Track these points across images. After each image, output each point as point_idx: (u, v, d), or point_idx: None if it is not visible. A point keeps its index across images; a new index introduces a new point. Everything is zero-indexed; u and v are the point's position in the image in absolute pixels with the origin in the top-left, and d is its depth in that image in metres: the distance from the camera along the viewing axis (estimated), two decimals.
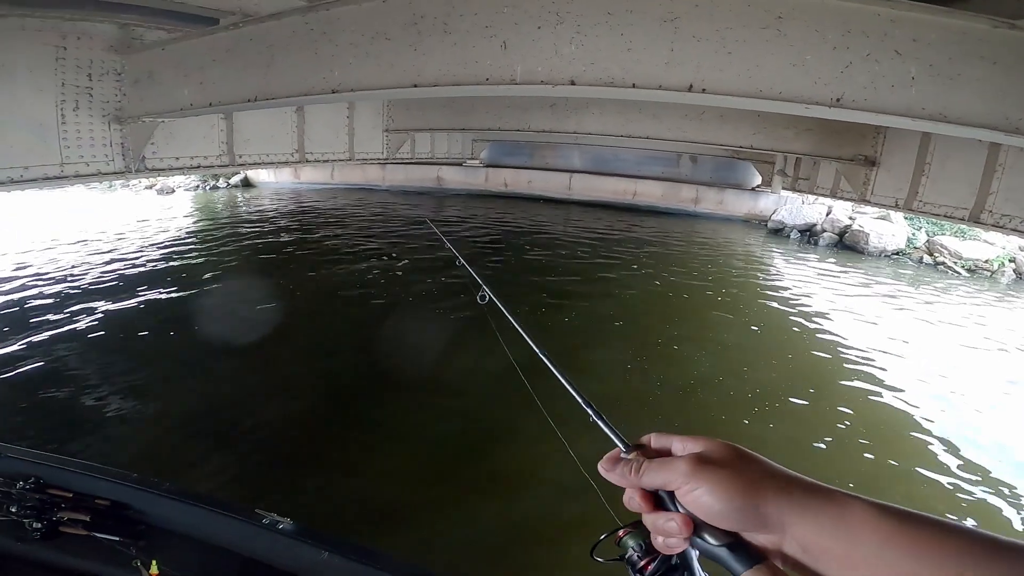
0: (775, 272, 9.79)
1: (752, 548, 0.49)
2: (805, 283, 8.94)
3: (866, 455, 3.94)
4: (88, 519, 1.18)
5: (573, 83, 2.96)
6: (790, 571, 0.48)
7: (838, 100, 2.62)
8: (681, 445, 0.56)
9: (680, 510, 0.52)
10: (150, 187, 15.45)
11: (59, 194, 13.35)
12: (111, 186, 15.12)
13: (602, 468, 0.57)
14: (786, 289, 8.54)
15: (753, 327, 6.70)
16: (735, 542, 0.49)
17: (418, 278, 7.48)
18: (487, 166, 14.84)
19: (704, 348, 5.75)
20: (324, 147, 7.20)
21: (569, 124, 7.64)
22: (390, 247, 9.37)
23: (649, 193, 14.27)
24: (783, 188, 11.04)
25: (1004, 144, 4.44)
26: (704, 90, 2.79)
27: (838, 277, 9.53)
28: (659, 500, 0.54)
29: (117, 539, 1.17)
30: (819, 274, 9.65)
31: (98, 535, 1.17)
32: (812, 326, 6.77)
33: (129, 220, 10.97)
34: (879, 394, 4.99)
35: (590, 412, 0.66)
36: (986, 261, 10.45)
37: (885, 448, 4.07)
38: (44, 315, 5.73)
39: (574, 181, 14.70)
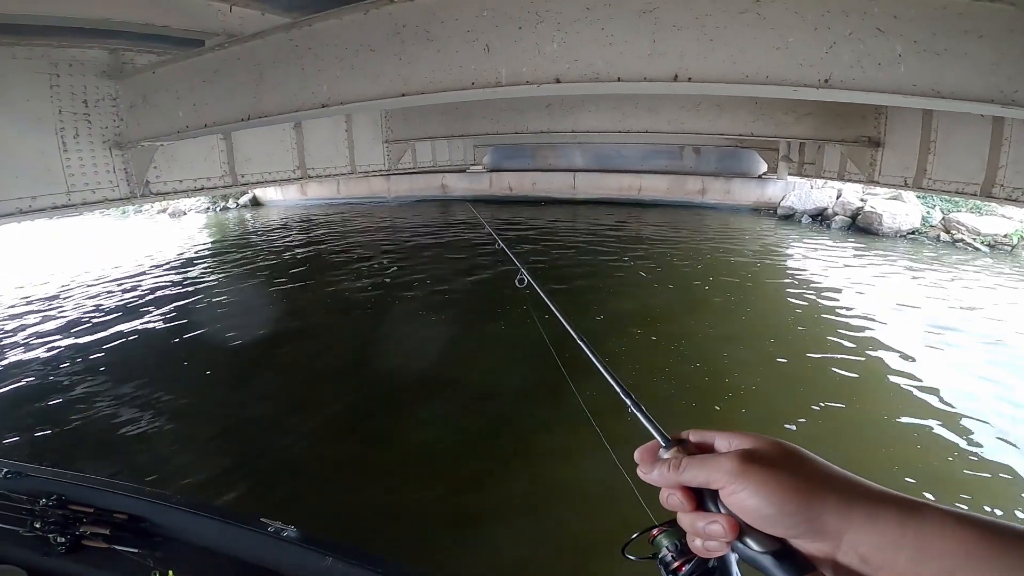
0: (796, 258, 9.56)
1: (799, 557, 0.44)
2: (828, 268, 8.71)
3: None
4: (108, 532, 1.24)
5: (558, 81, 2.96)
6: None
7: (826, 81, 2.58)
8: (725, 442, 0.51)
9: (723, 511, 0.47)
10: (163, 211, 15.79)
11: (75, 222, 13.72)
12: (124, 212, 15.49)
13: (641, 471, 0.53)
14: (809, 273, 8.33)
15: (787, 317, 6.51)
16: (781, 549, 0.45)
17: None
18: (490, 171, 14.85)
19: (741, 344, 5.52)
20: (325, 162, 7.30)
21: (566, 123, 7.64)
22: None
23: (654, 187, 14.15)
24: (789, 174, 10.90)
25: (1006, 117, 4.33)
26: (690, 79, 2.77)
27: (860, 259, 9.31)
28: (700, 499, 0.49)
29: (135, 551, 1.22)
30: (838, 257, 9.43)
31: (118, 547, 1.23)
32: (842, 312, 6.55)
33: (145, 246, 11.17)
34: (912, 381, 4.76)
35: (628, 402, 0.63)
36: (1005, 235, 10.14)
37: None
38: (71, 338, 5.88)
39: (578, 180, 14.66)
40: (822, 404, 4.20)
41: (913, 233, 11.05)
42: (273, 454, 3.74)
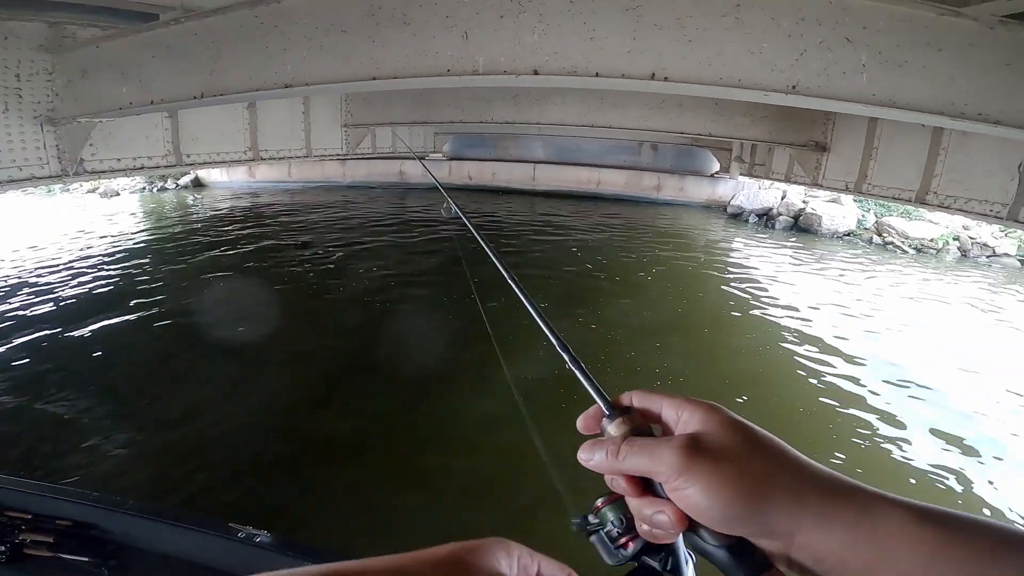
0: (736, 254, 10.09)
1: (756, 553, 0.41)
2: (764, 264, 9.25)
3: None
4: (52, 540, 1.14)
5: (536, 72, 2.93)
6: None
7: (794, 87, 2.68)
8: (674, 412, 0.46)
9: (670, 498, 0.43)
10: (93, 190, 14.58)
11: None
12: (50, 191, 14.18)
13: (581, 454, 0.47)
14: (746, 269, 8.80)
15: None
16: (737, 544, 0.42)
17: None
18: (450, 159, 14.66)
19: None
20: (279, 144, 6.95)
21: (532, 115, 7.62)
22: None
23: (612, 182, 14.42)
24: (740, 174, 11.34)
25: (947, 128, 4.67)
26: (666, 78, 2.81)
27: (795, 258, 9.89)
28: (648, 483, 0.45)
29: (85, 559, 1.13)
30: (776, 255, 10.00)
31: (65, 556, 1.13)
32: (770, 305, 6.98)
33: (69, 229, 10.25)
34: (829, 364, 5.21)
35: (566, 358, 0.56)
36: (931, 240, 11.02)
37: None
38: None
39: (538, 172, 14.71)
40: (745, 396, 4.48)
41: (849, 234, 11.81)
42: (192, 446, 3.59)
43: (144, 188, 14.90)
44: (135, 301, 6.16)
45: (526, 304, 0.68)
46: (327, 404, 4.21)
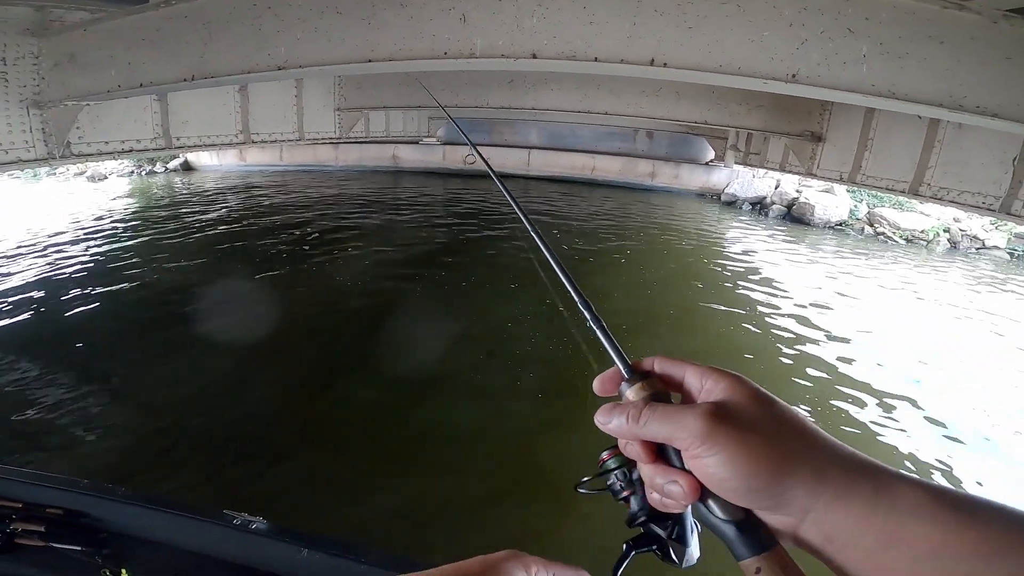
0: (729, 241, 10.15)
1: (763, 530, 0.41)
2: (755, 252, 9.31)
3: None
4: (43, 529, 1.12)
5: (535, 56, 2.90)
6: (806, 554, 0.41)
7: (793, 76, 2.67)
8: (698, 380, 0.45)
9: (686, 467, 0.42)
10: (80, 174, 14.29)
11: None
12: (35, 175, 13.87)
13: (598, 417, 0.46)
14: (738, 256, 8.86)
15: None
16: (745, 519, 0.41)
17: None
18: (444, 143, 14.52)
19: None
20: (271, 127, 6.84)
21: (527, 100, 7.54)
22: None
23: (607, 168, 14.37)
24: (735, 162, 11.33)
25: (944, 120, 4.68)
26: (666, 64, 2.79)
27: (786, 246, 9.96)
28: (662, 450, 0.44)
29: (79, 548, 1.12)
30: (767, 244, 10.06)
31: (57, 545, 1.12)
32: (759, 289, 7.04)
33: (58, 214, 10.04)
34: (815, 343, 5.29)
35: (587, 316, 0.54)
36: (922, 231, 11.11)
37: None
38: None
39: (532, 157, 14.62)
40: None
41: (841, 225, 11.88)
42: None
43: (132, 172, 14.62)
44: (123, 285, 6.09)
45: (550, 260, 0.64)
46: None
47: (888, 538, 0.36)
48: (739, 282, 7.36)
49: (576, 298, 0.57)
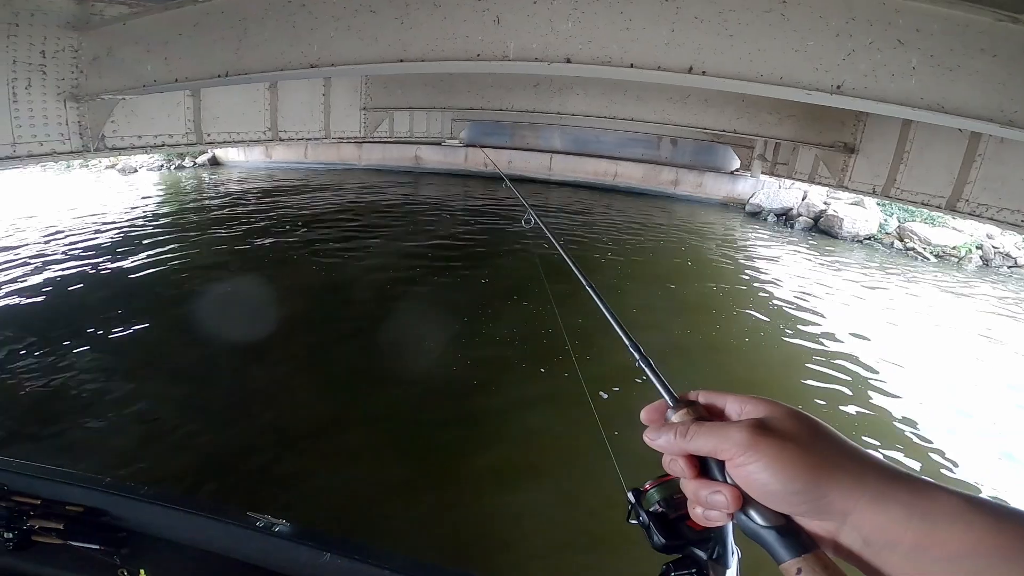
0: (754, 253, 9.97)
1: (803, 534, 0.43)
2: (783, 265, 9.13)
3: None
4: (62, 527, 1.11)
5: (569, 61, 2.85)
6: (844, 562, 0.43)
7: (838, 87, 2.58)
8: (737, 406, 0.49)
9: (729, 480, 0.45)
10: (111, 167, 14.65)
11: (13, 176, 12.48)
12: (68, 166, 14.25)
13: (648, 435, 0.50)
14: (765, 270, 8.69)
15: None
16: (785, 525, 0.43)
17: None
18: (467, 146, 14.55)
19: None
20: (298, 125, 6.90)
21: (553, 104, 7.50)
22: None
23: (629, 175, 14.26)
24: (762, 172, 11.13)
25: (987, 134, 4.52)
26: (704, 72, 2.72)
27: (809, 259, 9.75)
28: (705, 467, 0.47)
29: (96, 547, 1.10)
30: (792, 256, 9.86)
31: (74, 543, 1.10)
32: (788, 308, 6.88)
33: (92, 204, 10.27)
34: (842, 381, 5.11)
35: (636, 356, 0.60)
36: (954, 248, 10.79)
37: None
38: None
39: (555, 162, 14.57)
40: None
41: (870, 239, 11.59)
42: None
43: (162, 166, 14.95)
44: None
45: (601, 308, 0.74)
46: None
47: (925, 540, 0.38)
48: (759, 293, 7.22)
49: (624, 339, 0.64)
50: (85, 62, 4.02)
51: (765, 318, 6.39)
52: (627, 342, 0.63)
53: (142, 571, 1.04)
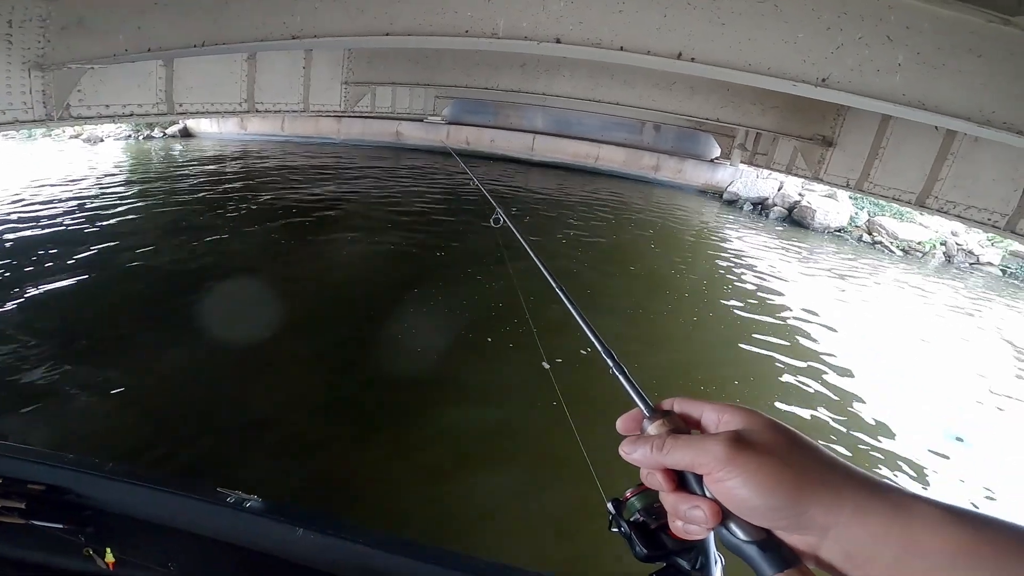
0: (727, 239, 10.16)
1: (784, 549, 0.43)
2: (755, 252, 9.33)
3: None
4: (23, 506, 1.07)
5: (559, 41, 2.82)
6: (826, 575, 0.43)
7: (824, 80, 2.61)
8: (715, 416, 0.48)
9: (707, 494, 0.45)
10: (76, 136, 13.93)
11: None
12: (30, 135, 13.46)
13: (623, 449, 0.49)
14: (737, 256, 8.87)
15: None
16: (766, 539, 0.43)
17: None
18: (449, 123, 14.33)
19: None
20: (276, 97, 6.67)
21: (538, 85, 7.42)
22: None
23: (611, 158, 14.27)
24: (741, 162, 11.26)
25: (961, 133, 4.65)
26: (693, 59, 2.72)
27: (785, 250, 9.98)
28: (683, 480, 0.47)
29: (60, 526, 1.06)
30: (765, 244, 10.08)
31: (38, 523, 1.06)
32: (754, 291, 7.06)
33: (53, 174, 9.75)
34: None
35: (610, 363, 0.58)
36: (919, 243, 11.15)
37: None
38: None
39: (537, 142, 14.47)
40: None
41: (840, 231, 11.90)
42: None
43: (129, 136, 14.26)
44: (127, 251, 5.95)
45: (572, 311, 0.72)
46: None
47: (906, 553, 0.38)
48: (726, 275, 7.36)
49: (599, 347, 0.62)
50: (54, 31, 3.79)
51: (728, 301, 6.53)
52: (600, 349, 0.61)
53: (108, 550, 1.02)
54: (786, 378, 4.66)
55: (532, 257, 1.03)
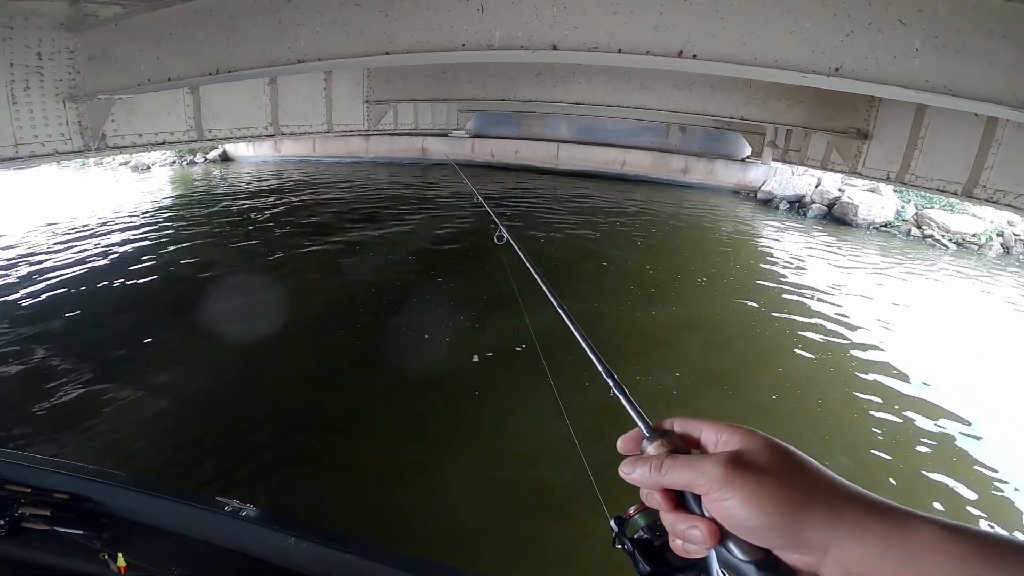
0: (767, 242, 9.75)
1: (783, 568, 0.42)
2: (798, 254, 8.91)
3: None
4: (49, 514, 1.16)
5: (555, 48, 2.78)
6: None
7: (837, 70, 2.47)
8: (714, 435, 0.48)
9: (705, 514, 0.45)
10: (125, 164, 14.86)
11: (30, 175, 12.71)
12: (83, 164, 14.49)
13: (623, 469, 0.49)
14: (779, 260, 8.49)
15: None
16: (765, 559, 0.43)
17: None
18: (473, 136, 14.46)
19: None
20: (300, 119, 6.89)
21: (555, 93, 7.38)
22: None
23: (638, 163, 14.03)
24: (773, 159, 10.88)
25: (1003, 118, 4.32)
26: (695, 56, 2.63)
27: (829, 249, 9.50)
28: (683, 499, 0.47)
29: (80, 532, 1.15)
30: (809, 245, 9.62)
31: (60, 529, 1.15)
32: (806, 299, 6.71)
33: (108, 202, 10.39)
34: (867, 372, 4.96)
35: (611, 384, 0.59)
36: (974, 235, 10.41)
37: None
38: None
39: (562, 151, 14.40)
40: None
41: (886, 226, 11.26)
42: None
43: (174, 162, 15.12)
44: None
45: (574, 332, 0.71)
46: None
47: (904, 568, 0.38)
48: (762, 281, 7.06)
49: (599, 367, 0.62)
50: (81, 62, 4.04)
51: (758, 306, 6.23)
52: (601, 369, 0.62)
53: (120, 554, 1.09)
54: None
55: (534, 275, 1.04)
